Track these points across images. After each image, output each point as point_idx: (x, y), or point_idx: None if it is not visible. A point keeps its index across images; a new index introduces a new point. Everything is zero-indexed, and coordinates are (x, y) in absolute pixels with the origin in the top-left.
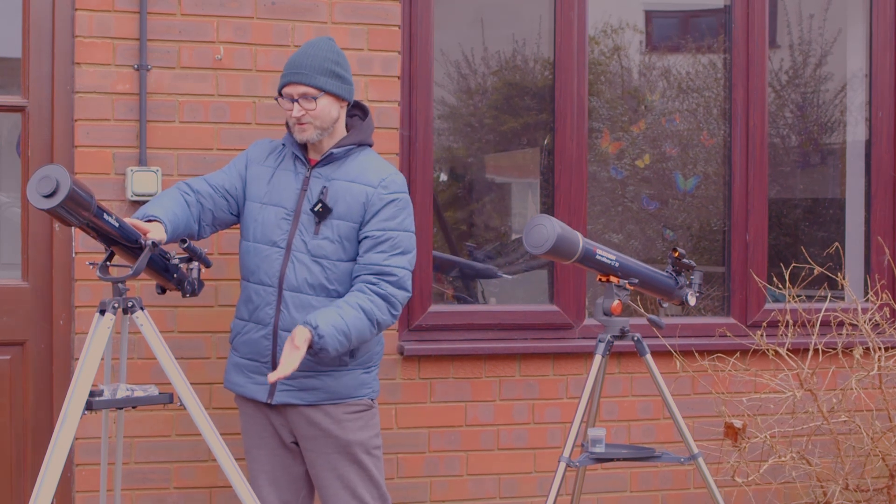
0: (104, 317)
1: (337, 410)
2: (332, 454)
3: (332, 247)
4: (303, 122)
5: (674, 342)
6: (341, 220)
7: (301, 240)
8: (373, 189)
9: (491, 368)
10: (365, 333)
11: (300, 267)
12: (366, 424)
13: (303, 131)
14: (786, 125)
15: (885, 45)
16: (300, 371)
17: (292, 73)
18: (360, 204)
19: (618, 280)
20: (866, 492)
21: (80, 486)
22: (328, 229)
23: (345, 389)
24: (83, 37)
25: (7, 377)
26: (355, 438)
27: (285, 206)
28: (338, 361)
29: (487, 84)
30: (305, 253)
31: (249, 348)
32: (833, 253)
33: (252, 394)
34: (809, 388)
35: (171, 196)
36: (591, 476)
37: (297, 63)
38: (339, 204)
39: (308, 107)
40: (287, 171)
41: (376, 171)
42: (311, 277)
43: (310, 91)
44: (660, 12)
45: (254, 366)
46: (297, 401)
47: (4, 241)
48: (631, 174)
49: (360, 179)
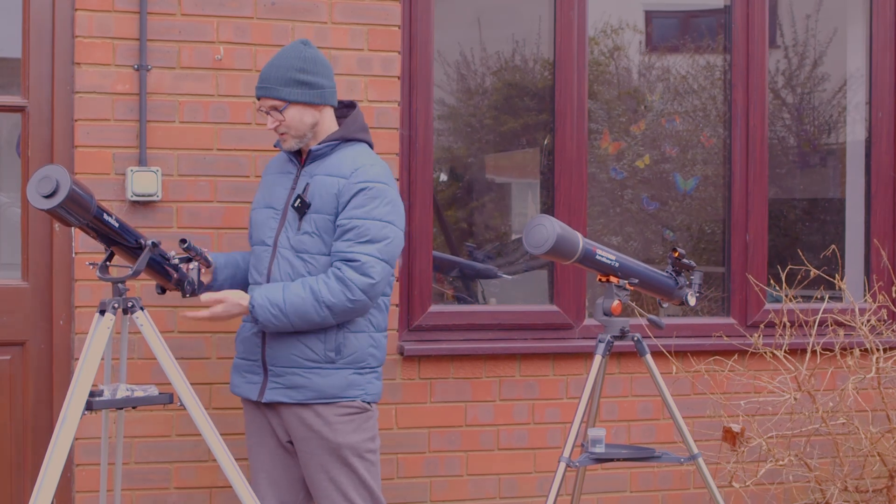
0: (104, 317)
1: (328, 411)
2: (323, 455)
3: (312, 241)
4: (279, 131)
5: (673, 343)
6: (318, 214)
7: (286, 236)
8: (344, 180)
9: (491, 368)
10: (308, 311)
11: (283, 263)
12: (358, 427)
13: (284, 141)
14: (785, 126)
15: (884, 45)
16: (285, 367)
17: (259, 86)
18: (332, 195)
19: (618, 280)
20: (865, 493)
21: (80, 486)
22: (308, 224)
23: (333, 389)
24: (83, 37)
25: (7, 377)
26: (346, 441)
27: (275, 205)
28: (324, 357)
29: (487, 84)
30: (289, 249)
31: (244, 347)
32: (832, 254)
33: (246, 393)
34: (807, 390)
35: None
36: (591, 476)
37: (263, 76)
38: (315, 198)
39: (278, 118)
40: (281, 174)
41: (352, 162)
42: (293, 273)
43: (275, 103)
44: (660, 12)
45: (247, 364)
46: (287, 399)
47: (4, 241)
48: (631, 175)
49: (335, 172)
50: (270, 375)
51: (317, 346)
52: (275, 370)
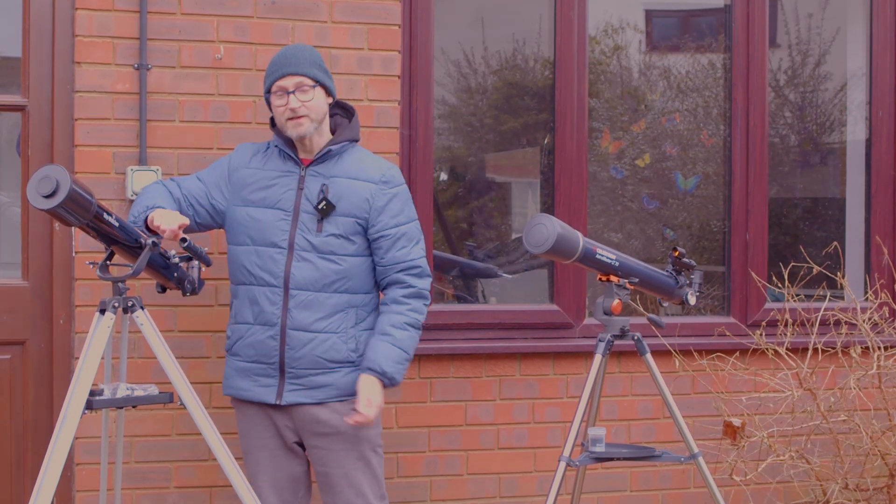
0: (104, 316)
1: (345, 408)
2: (341, 451)
3: (339, 242)
4: (299, 114)
5: (674, 341)
6: (345, 217)
7: (304, 238)
8: (375, 185)
9: (491, 368)
10: (416, 342)
11: (306, 265)
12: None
13: (298, 125)
14: (786, 125)
15: (885, 44)
16: (307, 368)
17: (285, 65)
18: (363, 199)
19: (618, 279)
20: (866, 491)
21: (80, 485)
22: (332, 225)
23: (353, 386)
24: (83, 36)
25: (7, 377)
26: (363, 435)
27: (282, 206)
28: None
29: (487, 84)
30: (311, 251)
31: (254, 350)
32: (832, 252)
33: (259, 397)
34: (809, 388)
35: (159, 191)
36: (591, 475)
37: (288, 57)
38: (342, 200)
39: (304, 98)
40: (277, 172)
41: (375, 166)
42: (318, 274)
43: (306, 81)
44: (660, 12)
45: (259, 368)
46: (309, 400)
47: (4, 241)
48: (631, 174)
49: (361, 176)
50: (289, 377)
51: (340, 348)
52: (295, 372)
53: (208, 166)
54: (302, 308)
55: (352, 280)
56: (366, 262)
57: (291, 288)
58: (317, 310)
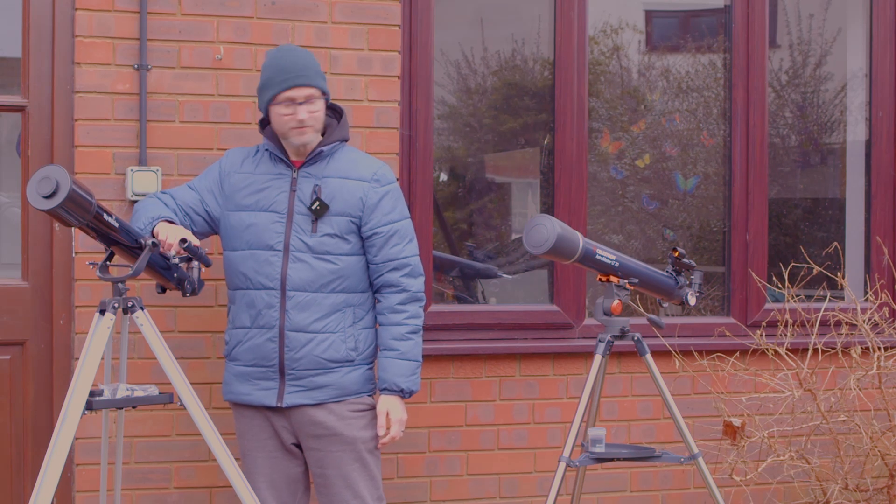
0: (104, 316)
1: (342, 408)
2: (337, 452)
3: (334, 242)
4: (307, 123)
5: (674, 342)
6: (339, 216)
7: (299, 239)
8: (367, 184)
9: (491, 368)
10: (421, 344)
11: (302, 266)
12: (368, 423)
13: (303, 134)
14: (786, 125)
15: (885, 44)
16: (307, 369)
17: (295, 76)
18: (356, 198)
19: (618, 280)
20: (866, 491)
21: (80, 485)
22: (326, 225)
23: (353, 386)
24: (83, 36)
25: (7, 377)
26: (360, 436)
27: (276, 209)
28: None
29: (487, 84)
30: (307, 252)
31: (253, 354)
32: (832, 253)
33: (260, 400)
34: (809, 388)
35: (156, 205)
36: (591, 476)
37: (296, 67)
38: (335, 200)
39: (313, 109)
40: (269, 175)
41: (366, 165)
42: (314, 275)
43: (315, 93)
44: (660, 12)
45: (259, 372)
46: (310, 401)
47: (4, 241)
48: (631, 174)
49: (353, 175)
50: (289, 379)
51: (339, 347)
52: (295, 373)
53: (200, 173)
54: (299, 309)
55: (348, 279)
56: (361, 260)
57: (288, 289)
58: (314, 310)
